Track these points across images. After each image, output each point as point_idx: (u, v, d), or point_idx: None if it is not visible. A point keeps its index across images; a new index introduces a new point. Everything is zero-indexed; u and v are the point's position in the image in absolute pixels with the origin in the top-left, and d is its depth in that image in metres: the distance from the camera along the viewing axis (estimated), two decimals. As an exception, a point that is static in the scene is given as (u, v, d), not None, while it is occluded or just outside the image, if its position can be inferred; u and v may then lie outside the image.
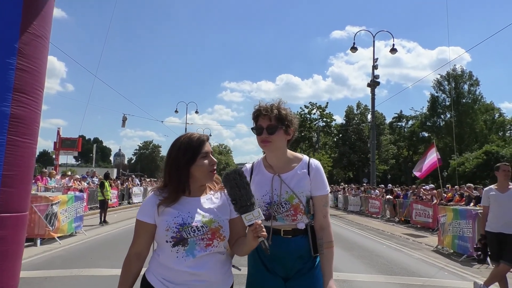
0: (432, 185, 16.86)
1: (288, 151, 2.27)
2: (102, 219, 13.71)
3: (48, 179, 14.61)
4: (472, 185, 14.51)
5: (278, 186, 2.14)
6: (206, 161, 1.88)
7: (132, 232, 1.92)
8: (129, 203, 23.26)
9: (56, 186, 14.47)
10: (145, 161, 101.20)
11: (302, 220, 2.15)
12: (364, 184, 31.05)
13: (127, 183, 24.31)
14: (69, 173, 18.07)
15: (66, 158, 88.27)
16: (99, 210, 14.31)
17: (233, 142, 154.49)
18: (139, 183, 27.00)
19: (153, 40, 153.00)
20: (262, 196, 2.15)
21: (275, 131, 2.14)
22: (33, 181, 13.76)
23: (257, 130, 2.18)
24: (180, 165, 1.85)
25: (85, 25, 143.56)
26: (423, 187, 17.13)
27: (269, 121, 2.14)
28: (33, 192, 10.40)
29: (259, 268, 2.16)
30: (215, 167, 1.93)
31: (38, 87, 5.92)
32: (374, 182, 26.81)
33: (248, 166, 2.31)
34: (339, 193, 30.17)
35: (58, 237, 9.31)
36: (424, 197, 16.16)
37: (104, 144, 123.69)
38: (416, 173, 16.20)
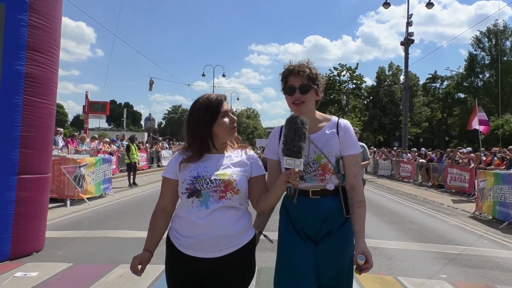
0: (469, 148, 16.01)
1: (317, 111, 2.22)
2: (131, 181, 13.88)
3: (80, 141, 14.80)
4: (513, 147, 13.63)
5: (307, 147, 2.05)
6: (226, 119, 1.91)
7: (159, 193, 1.98)
8: (158, 166, 23.57)
9: (87, 149, 14.65)
10: (174, 125, 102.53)
11: (331, 180, 2.09)
12: (395, 147, 30.20)
13: (156, 147, 24.56)
14: (98, 135, 18.27)
15: (99, 122, 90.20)
16: (127, 173, 14.45)
17: (261, 106, 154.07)
18: (167, 146, 27.24)
19: (180, 4, 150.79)
20: None
21: (308, 90, 2.09)
22: (64, 143, 14.06)
23: (289, 89, 2.11)
24: (202, 125, 1.89)
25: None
26: (460, 150, 16.32)
27: (301, 81, 2.08)
28: (62, 154, 10.50)
29: (289, 232, 2.12)
30: (235, 125, 1.96)
31: (53, 46, 5.63)
32: (406, 146, 26.01)
33: (278, 128, 2.24)
34: (369, 156, 29.53)
35: (87, 198, 9.42)
36: (461, 161, 15.41)
37: (134, 109, 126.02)
38: (480, 128, 14.94)
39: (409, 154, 22.36)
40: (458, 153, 15.85)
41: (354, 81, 54.40)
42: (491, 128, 32.02)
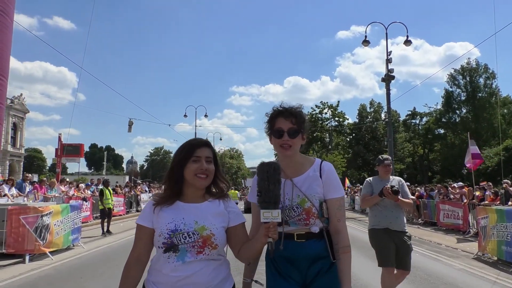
0: (461, 183, 15.54)
1: (300, 154, 2.19)
2: (105, 229, 12.77)
3: (48, 187, 13.69)
4: (509, 181, 13.17)
5: (290, 191, 2.08)
6: (194, 165, 1.85)
7: None
8: (137, 210, 22.35)
9: (57, 195, 13.56)
10: (156, 167, 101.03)
11: (315, 224, 2.07)
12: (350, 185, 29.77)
13: (134, 190, 23.41)
14: (68, 179, 17.12)
15: (78, 167, 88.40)
16: (100, 220, 13.33)
17: (244, 146, 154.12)
18: (147, 189, 26.09)
19: (160, 47, 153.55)
20: None
21: (297, 134, 2.07)
22: (31, 189, 12.99)
23: (277, 132, 2.08)
24: (174, 167, 1.88)
25: (93, 36, 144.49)
26: (452, 185, 15.82)
27: (291, 124, 2.06)
28: (25, 202, 9.47)
29: (275, 276, 2.09)
30: (203, 173, 1.86)
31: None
32: (393, 182, 25.50)
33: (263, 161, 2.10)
34: (356, 194, 28.89)
35: (51, 252, 8.35)
36: (453, 196, 14.87)
37: (116, 152, 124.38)
38: (467, 165, 14.18)
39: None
40: (450, 188, 15.32)
41: (337, 118, 54.75)
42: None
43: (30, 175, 13.46)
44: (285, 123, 2.06)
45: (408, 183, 23.81)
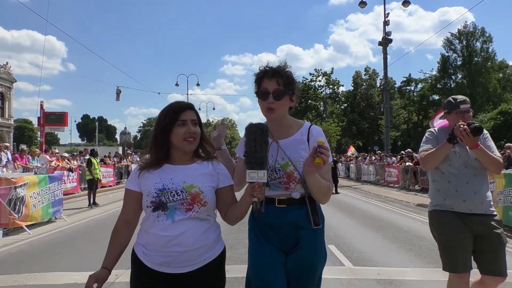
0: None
1: (289, 117, 2.13)
2: (92, 201, 12.18)
3: (30, 157, 12.96)
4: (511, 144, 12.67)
5: (275, 152, 2.03)
6: (182, 129, 1.83)
7: None
8: (128, 181, 21.78)
9: (39, 165, 12.87)
10: (149, 138, 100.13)
11: (296, 189, 2.02)
12: (377, 151, 29.33)
13: (124, 160, 22.75)
14: (56, 150, 16.38)
15: (70, 137, 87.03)
16: (87, 191, 12.74)
17: (238, 116, 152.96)
18: (138, 159, 25.42)
19: (150, 15, 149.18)
20: None
21: (282, 96, 1.99)
22: (10, 159, 12.28)
23: (262, 94, 2.01)
24: (159, 132, 1.86)
25: (83, 4, 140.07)
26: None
27: (276, 85, 1.98)
28: (7, 172, 8.80)
29: (257, 240, 2.06)
30: (191, 136, 1.84)
31: None
32: (389, 149, 25.08)
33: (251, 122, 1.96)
34: (351, 162, 28.53)
35: (29, 226, 7.77)
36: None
37: (109, 123, 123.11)
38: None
39: (393, 158, 21.38)
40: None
41: (331, 86, 53.83)
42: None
43: (6, 144, 12.66)
44: (270, 83, 1.97)
45: (409, 150, 23.37)
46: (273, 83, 1.97)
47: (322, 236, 2.08)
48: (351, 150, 32.81)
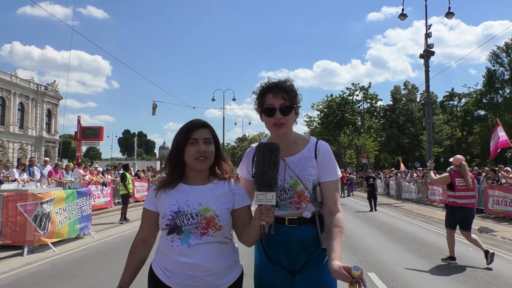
0: (516, 167, 13.83)
1: (294, 132, 2.07)
2: (123, 216, 12.02)
3: (64, 172, 13.05)
4: None
5: (282, 171, 1.95)
6: (192, 148, 1.81)
7: None
8: (162, 195, 21.69)
9: (73, 180, 12.92)
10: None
11: (307, 208, 1.97)
12: (418, 168, 27.89)
13: (159, 175, 22.78)
14: (96, 165, 16.52)
15: (111, 152, 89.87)
16: (121, 206, 12.65)
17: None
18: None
19: (191, 34, 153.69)
20: None
21: (289, 111, 1.94)
22: (44, 174, 12.40)
23: (268, 111, 1.94)
24: (173, 150, 1.86)
25: (125, 25, 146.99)
26: (504, 169, 14.12)
27: (282, 100, 1.92)
28: (25, 188, 8.73)
29: (264, 260, 2.03)
30: (202, 155, 1.81)
31: None
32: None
33: (254, 146, 2.00)
34: (391, 179, 27.26)
35: (55, 243, 7.58)
36: (505, 181, 13.21)
37: (148, 138, 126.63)
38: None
39: (438, 175, 20.08)
40: (502, 172, 13.64)
41: (368, 100, 52.49)
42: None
43: (47, 159, 12.84)
44: (275, 99, 1.92)
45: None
46: (280, 99, 1.91)
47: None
48: (402, 167, 30.75)
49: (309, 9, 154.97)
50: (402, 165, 32.20)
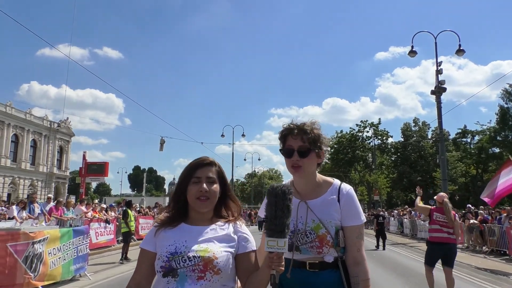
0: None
1: (318, 174, 2.05)
2: (124, 256, 11.49)
3: (64, 209, 12.65)
4: None
5: (304, 214, 1.95)
6: (194, 187, 1.72)
7: None
8: (168, 233, 21.10)
9: (74, 217, 12.51)
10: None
11: (329, 253, 1.91)
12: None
13: (163, 213, 22.24)
14: (98, 201, 16.13)
15: (121, 188, 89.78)
16: (122, 244, 12.16)
17: (284, 167, 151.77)
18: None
19: (201, 72, 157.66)
20: None
21: (307, 153, 1.92)
22: (43, 212, 12.04)
23: (287, 152, 1.96)
24: (177, 189, 1.79)
25: (138, 64, 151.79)
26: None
27: (301, 142, 1.93)
28: (18, 227, 8.30)
29: None
30: (203, 195, 1.72)
31: None
32: (448, 204, 22.81)
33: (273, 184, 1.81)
34: (405, 217, 26.27)
35: (46, 286, 7.08)
36: (528, 221, 12.44)
37: (158, 174, 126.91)
38: (485, 199, 12.14)
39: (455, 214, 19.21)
40: (526, 211, 12.88)
41: (379, 137, 52.03)
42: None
43: (50, 195, 12.52)
44: (294, 141, 1.93)
45: (470, 205, 21.22)
46: (298, 141, 1.91)
47: None
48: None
49: (318, 49, 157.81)
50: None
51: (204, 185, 1.71)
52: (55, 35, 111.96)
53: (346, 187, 2.00)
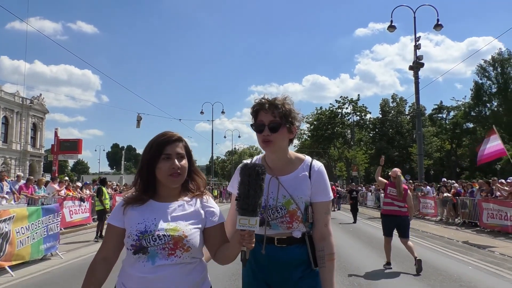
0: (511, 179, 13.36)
1: (290, 151, 2.08)
2: (99, 234, 11.27)
3: (35, 187, 12.23)
4: None
5: (275, 189, 1.97)
6: (166, 164, 1.71)
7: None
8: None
9: (46, 195, 12.12)
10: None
11: (298, 228, 1.95)
12: (409, 180, 27.49)
13: (130, 190, 21.88)
14: (66, 178, 15.69)
15: (99, 166, 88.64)
16: (97, 223, 11.91)
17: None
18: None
19: (180, 49, 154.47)
20: None
21: (278, 128, 1.92)
22: (12, 190, 11.62)
23: (257, 126, 1.96)
24: (144, 165, 1.76)
25: (115, 39, 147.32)
26: (499, 181, 13.67)
27: (272, 117, 1.92)
28: (9, 203, 8.02)
29: (252, 281, 2.01)
30: (175, 171, 1.71)
31: None
32: (423, 178, 23.31)
33: (246, 162, 1.85)
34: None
35: (13, 266, 6.83)
36: (499, 193, 12.76)
37: (137, 152, 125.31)
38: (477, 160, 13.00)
39: (428, 187, 19.64)
40: (498, 184, 13.19)
41: (358, 112, 52.43)
42: (505, 158, 28.81)
43: (4, 173, 12.04)
44: (265, 116, 1.92)
45: (445, 179, 21.82)
46: (269, 115, 1.91)
47: (318, 280, 1.94)
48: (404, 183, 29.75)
49: (298, 26, 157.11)
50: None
51: (176, 161, 1.71)
52: (24, 8, 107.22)
53: (317, 163, 2.02)
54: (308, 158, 2.05)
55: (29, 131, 50.18)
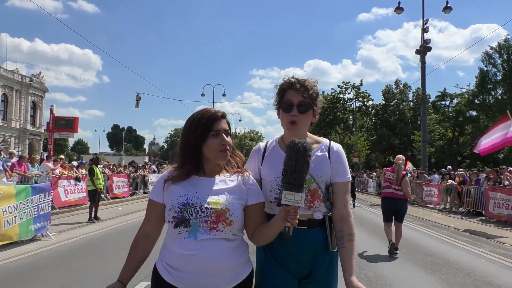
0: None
1: (308, 133, 2.01)
2: (93, 215, 10.92)
3: (29, 165, 11.82)
4: None
5: None
6: (216, 140, 1.71)
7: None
8: (145, 192, 20.57)
9: (40, 174, 11.73)
10: (176, 148, 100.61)
11: (319, 208, 1.90)
12: (413, 168, 27.11)
13: (141, 171, 21.55)
14: (62, 156, 15.29)
15: (99, 147, 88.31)
16: (89, 204, 11.52)
17: (265, 129, 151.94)
18: (156, 169, 24.18)
19: (181, 31, 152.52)
20: (275, 178, 1.85)
21: (307, 109, 1.89)
22: (8, 167, 11.24)
23: (286, 105, 1.89)
24: (191, 144, 1.74)
25: (117, 19, 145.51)
26: (508, 169, 13.26)
27: (301, 97, 1.87)
28: (0, 180, 7.61)
29: (269, 264, 1.91)
30: (226, 147, 1.74)
31: None
32: (426, 166, 22.94)
33: (262, 144, 2.04)
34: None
35: (0, 246, 6.47)
36: (508, 183, 12.37)
37: (138, 133, 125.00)
38: (479, 149, 11.97)
39: (435, 175, 19.24)
40: (507, 172, 12.78)
41: (360, 99, 51.77)
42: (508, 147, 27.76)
43: (13, 151, 11.65)
44: (295, 95, 1.87)
45: (450, 167, 21.33)
46: (299, 95, 1.86)
47: (336, 267, 1.91)
48: (409, 166, 24.92)
49: (301, 10, 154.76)
50: (410, 164, 23.86)
51: (225, 137, 1.71)
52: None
53: (336, 145, 2.00)
54: (326, 140, 2.02)
55: (28, 109, 49.60)
